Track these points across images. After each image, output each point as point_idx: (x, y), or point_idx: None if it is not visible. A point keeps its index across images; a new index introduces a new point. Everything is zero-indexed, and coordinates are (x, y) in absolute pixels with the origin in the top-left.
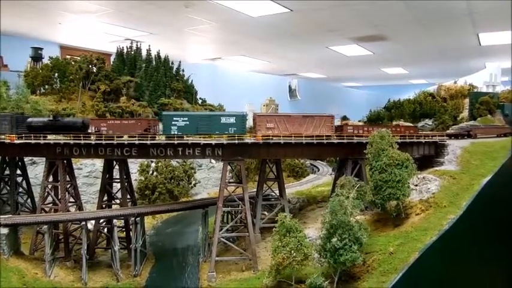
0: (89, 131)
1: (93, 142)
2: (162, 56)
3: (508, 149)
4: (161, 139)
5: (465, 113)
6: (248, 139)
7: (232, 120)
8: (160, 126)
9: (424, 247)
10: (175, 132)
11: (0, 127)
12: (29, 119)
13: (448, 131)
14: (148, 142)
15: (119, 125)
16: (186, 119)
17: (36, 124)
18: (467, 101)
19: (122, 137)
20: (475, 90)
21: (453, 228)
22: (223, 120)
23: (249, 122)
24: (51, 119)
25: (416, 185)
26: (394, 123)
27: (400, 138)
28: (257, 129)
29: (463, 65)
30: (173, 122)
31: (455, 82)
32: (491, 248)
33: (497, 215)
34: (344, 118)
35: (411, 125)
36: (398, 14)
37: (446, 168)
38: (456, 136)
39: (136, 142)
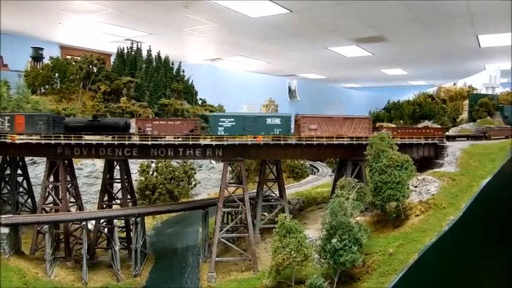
0: (130, 131)
1: (94, 142)
2: (163, 56)
3: (507, 151)
4: (206, 140)
5: (464, 115)
6: (248, 140)
7: (277, 121)
8: None
9: (423, 248)
10: (222, 133)
11: (35, 127)
12: (67, 119)
13: (466, 133)
14: (149, 143)
15: (165, 126)
16: (233, 120)
17: (75, 124)
18: (466, 102)
19: (164, 137)
20: (475, 92)
21: (453, 230)
22: (269, 121)
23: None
24: (91, 119)
25: (415, 187)
26: (423, 124)
27: (400, 140)
28: (301, 130)
29: (462, 66)
30: (220, 123)
31: (454, 84)
32: (490, 249)
33: (496, 216)
34: None
35: (439, 126)
36: (398, 15)
37: (446, 170)
38: (474, 137)
39: (138, 143)
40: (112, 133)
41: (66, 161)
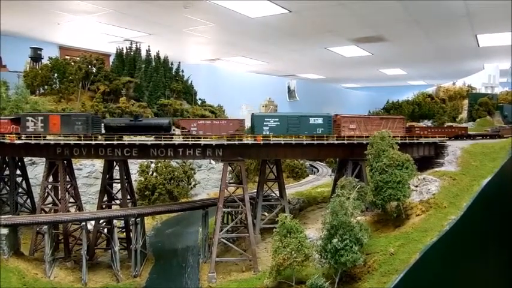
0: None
1: (93, 142)
2: (162, 56)
3: (507, 150)
4: (248, 140)
5: (464, 114)
6: (248, 140)
7: (320, 121)
8: None
9: (424, 248)
10: (267, 133)
11: (72, 127)
12: (107, 120)
13: (481, 132)
14: (149, 143)
15: (210, 126)
16: (277, 119)
17: (116, 125)
18: (466, 102)
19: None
20: (474, 91)
21: (453, 229)
22: (311, 121)
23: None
24: (132, 119)
25: (416, 186)
26: (447, 124)
27: (401, 139)
28: (341, 129)
29: (461, 66)
30: (265, 123)
31: (454, 83)
32: (491, 249)
33: (497, 215)
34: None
35: (463, 126)
36: (396, 15)
37: (446, 169)
38: (491, 136)
39: (137, 143)
40: (154, 133)
41: (65, 161)
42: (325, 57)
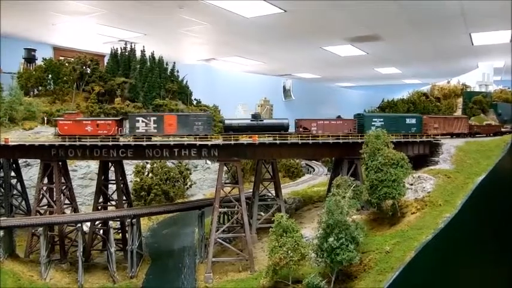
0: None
1: (88, 144)
2: (157, 57)
3: (501, 148)
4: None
5: (458, 112)
6: (244, 140)
7: (413, 121)
8: None
9: (420, 246)
10: None
11: (191, 128)
12: (228, 121)
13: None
14: (144, 143)
15: (328, 125)
16: (382, 119)
17: (238, 125)
18: (460, 100)
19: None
20: (468, 89)
21: (448, 227)
22: (407, 121)
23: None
24: (253, 119)
25: (411, 184)
26: (486, 122)
27: (396, 138)
28: (428, 128)
29: (456, 64)
30: (372, 123)
31: (448, 82)
32: (486, 246)
33: (491, 213)
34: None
35: (498, 124)
36: (391, 15)
37: (441, 167)
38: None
39: (132, 143)
40: (274, 133)
41: (60, 163)
42: (321, 57)
